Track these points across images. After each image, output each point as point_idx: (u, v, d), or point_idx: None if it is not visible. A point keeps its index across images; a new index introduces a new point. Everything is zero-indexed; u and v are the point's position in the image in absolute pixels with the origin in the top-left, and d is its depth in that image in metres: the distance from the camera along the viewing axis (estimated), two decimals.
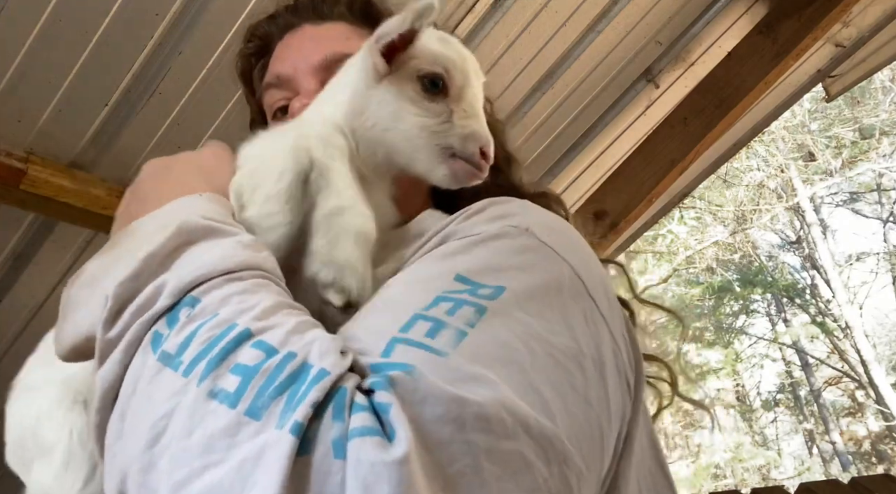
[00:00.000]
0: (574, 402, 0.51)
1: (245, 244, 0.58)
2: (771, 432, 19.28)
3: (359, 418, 0.42)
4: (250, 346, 0.47)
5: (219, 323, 0.49)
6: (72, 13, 1.67)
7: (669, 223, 15.20)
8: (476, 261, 0.59)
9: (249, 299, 0.52)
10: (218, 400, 0.44)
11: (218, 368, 0.45)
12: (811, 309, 17.39)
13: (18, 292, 2.24)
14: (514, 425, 0.45)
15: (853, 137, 15.28)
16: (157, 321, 0.51)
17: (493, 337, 0.51)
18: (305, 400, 0.42)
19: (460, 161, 0.73)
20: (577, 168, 3.15)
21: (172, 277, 0.53)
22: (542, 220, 0.67)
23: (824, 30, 2.62)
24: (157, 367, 0.48)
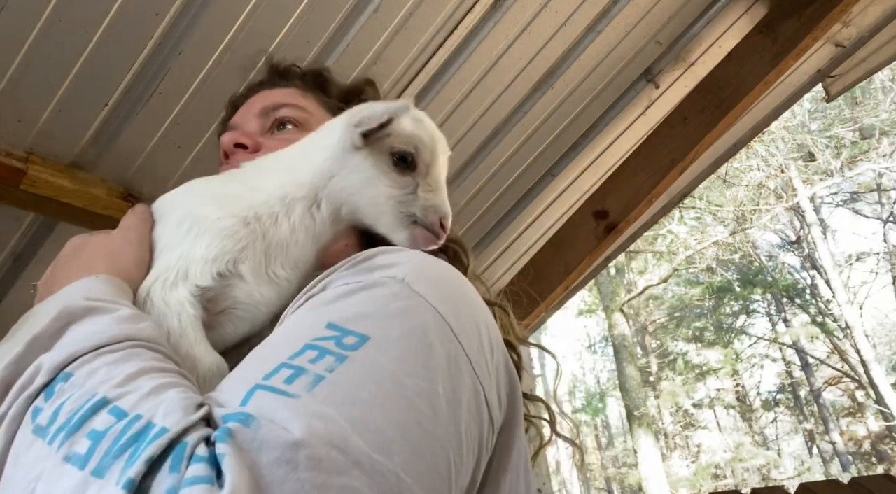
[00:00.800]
0: (418, 438, 0.55)
1: (122, 318, 0.65)
2: (771, 432, 19.29)
3: (195, 469, 0.47)
4: (106, 412, 0.52)
5: (83, 393, 0.55)
6: (72, 13, 1.67)
7: (669, 223, 15.21)
8: (348, 309, 0.64)
9: (116, 368, 0.57)
10: (71, 463, 0.49)
11: (75, 434, 0.51)
12: (811, 309, 17.39)
13: (18, 292, 2.24)
14: (346, 462, 0.49)
15: (853, 137, 15.28)
16: (36, 397, 0.57)
17: (347, 380, 0.56)
18: (141, 457, 0.47)
19: (420, 228, 0.83)
20: (577, 168, 3.15)
21: (48, 357, 0.60)
22: (421, 270, 0.72)
23: (824, 30, 2.62)
24: (31, 439, 0.54)
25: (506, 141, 2.79)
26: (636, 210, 2.92)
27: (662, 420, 18.11)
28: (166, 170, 2.13)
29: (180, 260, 0.77)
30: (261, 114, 1.08)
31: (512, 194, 3.10)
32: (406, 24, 2.14)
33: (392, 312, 0.64)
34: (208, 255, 0.77)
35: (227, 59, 1.92)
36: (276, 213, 0.83)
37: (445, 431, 0.58)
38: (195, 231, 0.79)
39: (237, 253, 0.78)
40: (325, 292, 0.70)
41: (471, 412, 0.63)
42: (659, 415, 17.74)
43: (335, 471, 0.48)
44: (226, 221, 0.80)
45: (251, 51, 1.93)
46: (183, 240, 0.79)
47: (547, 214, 3.30)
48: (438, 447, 0.57)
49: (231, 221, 0.80)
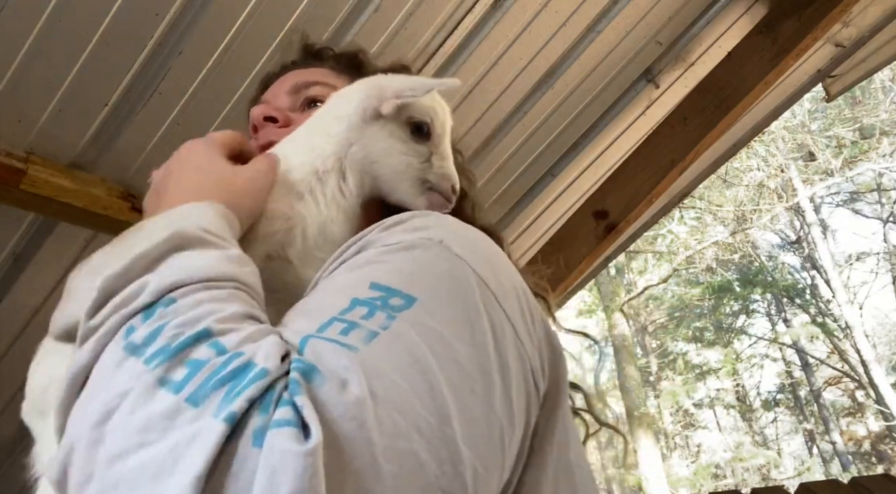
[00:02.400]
0: (473, 406, 0.55)
1: (230, 258, 0.63)
2: (771, 432, 19.29)
3: (282, 412, 0.46)
4: (207, 345, 0.51)
5: (185, 322, 0.53)
6: (72, 13, 1.67)
7: (669, 223, 15.22)
8: (390, 270, 0.63)
9: (220, 305, 0.56)
10: (165, 387, 0.48)
11: (172, 360, 0.50)
12: (811, 309, 17.39)
13: (18, 292, 2.24)
14: (406, 426, 0.49)
15: (853, 137, 15.28)
16: (134, 316, 0.55)
17: (401, 340, 0.55)
18: (243, 394, 0.46)
19: (436, 194, 0.89)
20: (577, 168, 3.15)
21: (155, 278, 0.57)
22: (457, 233, 0.71)
23: (824, 30, 2.62)
24: (122, 356, 0.52)
25: (506, 141, 2.79)
26: (636, 210, 2.92)
27: (662, 420, 18.11)
28: None
29: None
30: (292, 92, 1.07)
31: (512, 194, 3.10)
32: (406, 25, 2.14)
33: (436, 274, 0.63)
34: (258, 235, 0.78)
35: (227, 59, 1.92)
36: (314, 189, 0.84)
37: (498, 399, 0.57)
38: None
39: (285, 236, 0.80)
40: (360, 255, 0.68)
41: (518, 380, 0.61)
42: (659, 415, 17.74)
43: (397, 435, 0.48)
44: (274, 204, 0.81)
45: (251, 51, 1.93)
46: None
47: (547, 214, 3.30)
48: (492, 416, 0.56)
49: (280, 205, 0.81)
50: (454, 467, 0.50)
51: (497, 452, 0.56)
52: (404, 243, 0.66)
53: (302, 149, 0.88)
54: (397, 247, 0.66)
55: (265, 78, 1.21)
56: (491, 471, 0.55)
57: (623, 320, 15.09)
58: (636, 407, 13.61)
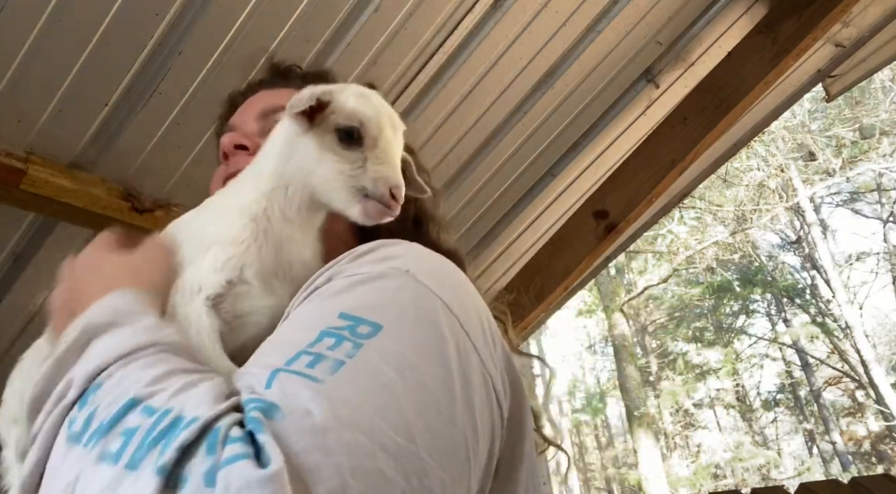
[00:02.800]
0: (438, 422, 0.58)
1: (146, 327, 0.66)
2: (771, 432, 19.29)
3: (231, 448, 0.48)
4: (137, 413, 0.54)
5: (113, 399, 0.56)
6: (72, 13, 1.67)
7: (669, 223, 15.22)
8: (358, 299, 0.66)
9: (143, 373, 0.59)
10: (105, 461, 0.51)
11: (108, 435, 0.53)
12: (811, 309, 17.39)
13: (18, 292, 2.24)
14: (372, 446, 0.51)
15: (853, 137, 15.28)
16: (70, 409, 0.59)
17: (366, 366, 0.58)
18: (171, 445, 0.48)
19: (372, 201, 0.83)
20: (577, 168, 3.15)
21: (78, 371, 0.62)
22: (423, 262, 0.75)
23: (824, 30, 2.62)
24: (67, 447, 0.56)
25: (506, 141, 2.79)
26: (636, 210, 2.92)
27: (662, 420, 18.11)
28: (166, 170, 2.13)
29: (195, 274, 0.81)
30: (261, 116, 1.08)
31: (512, 194, 3.10)
32: (406, 25, 2.14)
33: (401, 302, 0.66)
34: (216, 265, 0.80)
35: (227, 59, 1.92)
36: (265, 208, 0.86)
37: (461, 416, 0.60)
38: (204, 246, 0.83)
39: (242, 259, 0.81)
40: (330, 283, 0.71)
41: (482, 399, 0.64)
42: (659, 415, 17.74)
43: (363, 455, 0.50)
44: (229, 232, 0.83)
45: (251, 51, 1.93)
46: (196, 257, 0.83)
47: (547, 214, 3.30)
48: (456, 431, 0.59)
49: (233, 231, 0.83)
50: (420, 480, 0.53)
51: (462, 464, 0.59)
52: (372, 273, 0.70)
53: (250, 174, 0.91)
54: (365, 277, 0.69)
55: (232, 98, 1.21)
56: (457, 481, 0.58)
57: (623, 320, 15.08)
58: (636, 406, 13.61)
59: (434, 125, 2.52)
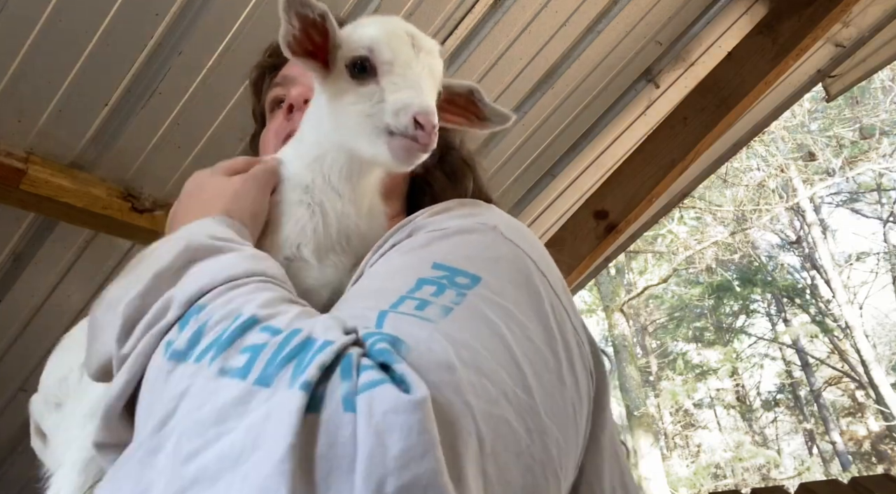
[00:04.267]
0: (549, 381, 0.55)
1: (246, 256, 0.62)
2: (771, 432, 19.28)
3: (368, 374, 0.44)
4: (258, 331, 0.50)
5: (225, 316, 0.52)
6: (72, 13, 1.67)
7: (669, 223, 15.20)
8: (451, 251, 0.63)
9: (255, 295, 0.55)
10: (229, 376, 0.46)
11: (227, 350, 0.48)
12: (811, 309, 17.38)
13: (18, 292, 2.24)
14: (496, 392, 0.49)
15: (853, 137, 15.27)
16: (168, 331, 0.54)
17: (475, 314, 0.54)
18: (313, 363, 0.45)
19: (398, 137, 0.70)
20: (577, 168, 3.15)
21: (179, 291, 0.57)
22: (506, 221, 0.72)
23: (824, 30, 2.62)
24: (169, 366, 0.51)
25: (506, 141, 2.79)
26: (636, 210, 2.92)
27: (662, 420, 18.11)
28: (166, 170, 2.13)
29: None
30: None
31: (512, 194, 3.10)
32: None
33: (495, 256, 0.63)
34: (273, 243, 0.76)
35: (227, 59, 1.92)
36: (309, 183, 0.79)
37: (568, 377, 0.58)
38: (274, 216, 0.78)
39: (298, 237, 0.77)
40: (413, 238, 0.67)
41: (579, 360, 0.62)
42: (659, 415, 17.73)
43: (490, 400, 0.48)
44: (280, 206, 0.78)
45: (251, 51, 1.93)
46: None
47: (547, 214, 3.30)
48: (566, 392, 0.57)
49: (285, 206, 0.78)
50: (541, 437, 0.51)
51: (572, 427, 0.57)
52: (459, 227, 0.66)
53: (293, 145, 0.85)
54: (452, 231, 0.66)
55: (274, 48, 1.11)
56: (569, 445, 0.56)
57: (623, 320, 15.07)
58: (636, 406, 13.60)
59: None
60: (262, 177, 0.81)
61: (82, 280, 2.31)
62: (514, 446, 0.48)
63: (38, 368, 0.89)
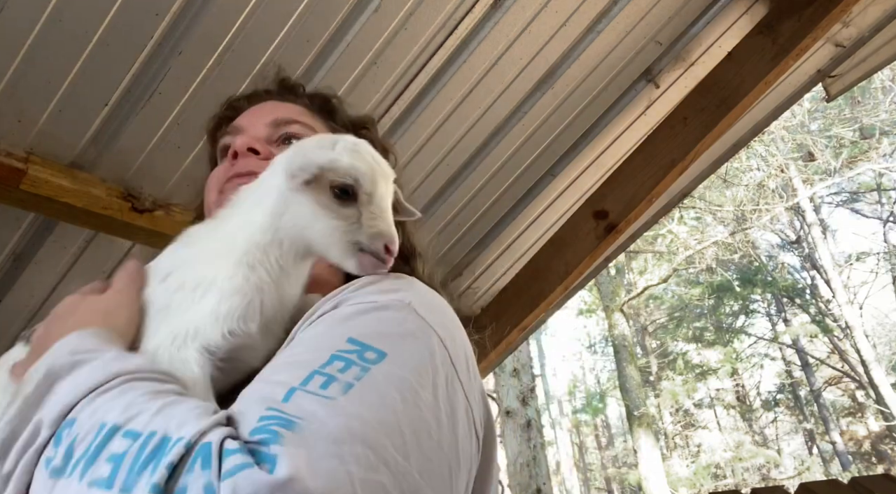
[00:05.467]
0: (429, 446, 0.63)
1: (108, 360, 0.67)
2: (771, 432, 19.28)
3: (232, 459, 0.51)
4: (120, 437, 0.55)
5: (92, 427, 0.57)
6: (72, 13, 1.67)
7: (669, 223, 15.21)
8: (365, 327, 0.72)
9: (117, 400, 0.61)
10: (97, 487, 0.52)
11: (95, 462, 0.54)
12: (811, 309, 17.38)
13: (18, 292, 2.24)
14: (376, 460, 0.56)
15: (853, 137, 15.27)
16: (45, 448, 0.60)
17: (373, 389, 0.63)
18: (161, 464, 0.50)
19: (367, 255, 0.85)
20: (577, 168, 3.15)
21: (46, 412, 0.63)
22: (422, 297, 0.81)
23: (824, 30, 2.62)
24: (50, 483, 0.56)
25: (506, 141, 2.79)
26: (636, 210, 2.92)
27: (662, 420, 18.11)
28: (166, 170, 2.13)
29: (190, 319, 0.80)
30: (272, 125, 1.09)
31: (512, 194, 3.10)
32: (406, 24, 2.14)
33: (403, 333, 0.73)
34: (218, 314, 0.80)
35: (227, 59, 1.92)
36: (261, 261, 0.86)
37: (448, 443, 0.67)
38: (200, 291, 0.82)
39: (246, 311, 0.82)
40: (338, 310, 0.76)
41: (464, 428, 0.71)
42: (659, 415, 17.74)
43: (370, 468, 0.55)
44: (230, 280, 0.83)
45: (251, 51, 1.93)
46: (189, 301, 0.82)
47: (547, 214, 3.30)
48: (443, 456, 0.65)
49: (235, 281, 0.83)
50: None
51: (447, 486, 0.65)
52: (378, 303, 0.76)
53: (242, 224, 0.90)
54: (371, 307, 0.75)
55: (232, 102, 1.22)
56: None
57: (623, 320, 15.07)
58: (636, 406, 13.60)
59: (434, 125, 2.52)
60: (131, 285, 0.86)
61: (82, 280, 2.31)
62: None
63: None
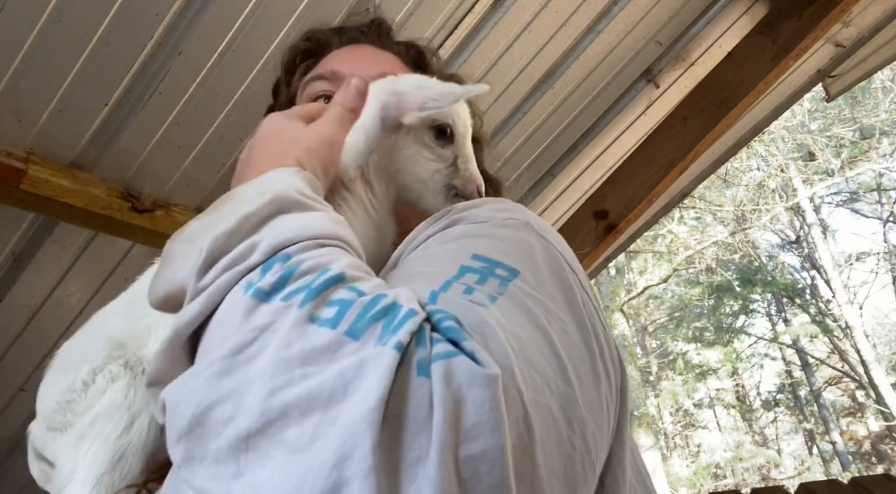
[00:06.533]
0: (585, 375, 0.57)
1: (332, 219, 0.62)
2: (771, 432, 19.28)
3: (441, 346, 0.46)
4: (345, 288, 0.51)
5: (313, 267, 0.52)
6: (72, 13, 1.67)
7: (669, 223, 15.21)
8: (488, 243, 0.64)
9: (343, 257, 0.56)
10: (317, 323, 0.47)
11: (316, 299, 0.49)
12: (811, 309, 17.38)
13: (18, 292, 2.24)
14: (541, 382, 0.50)
15: (853, 137, 15.28)
16: (249, 272, 0.54)
17: (519, 305, 0.56)
18: (404, 327, 0.46)
19: (461, 199, 0.82)
20: (577, 168, 3.15)
21: (266, 237, 0.57)
22: (535, 218, 0.74)
23: (824, 30, 2.62)
24: (251, 302, 0.51)
25: (506, 141, 2.79)
26: (636, 210, 2.92)
27: (662, 420, 18.11)
28: (166, 170, 2.13)
29: None
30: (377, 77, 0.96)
31: (512, 194, 3.09)
32: (406, 25, 2.14)
33: (531, 252, 0.65)
34: None
35: (227, 59, 1.92)
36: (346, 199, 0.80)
37: (601, 371, 0.60)
38: None
39: None
40: (451, 229, 0.69)
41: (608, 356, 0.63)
42: (659, 415, 17.74)
43: (536, 388, 0.49)
44: None
45: (251, 51, 1.93)
46: None
47: (547, 214, 3.30)
48: (600, 384, 0.59)
49: None
50: (581, 428, 0.52)
51: (605, 420, 0.58)
52: (495, 221, 0.69)
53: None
54: (489, 224, 0.68)
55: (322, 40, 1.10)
56: (602, 437, 0.57)
57: (623, 320, 15.07)
58: (636, 406, 13.61)
59: None
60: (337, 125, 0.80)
61: (82, 280, 2.31)
62: (556, 435, 0.49)
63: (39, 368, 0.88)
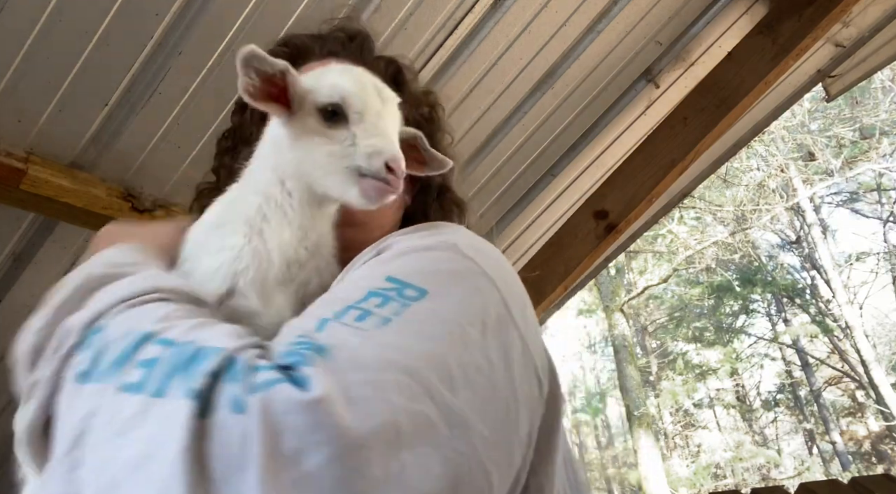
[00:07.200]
0: (479, 383, 0.58)
1: (146, 276, 0.66)
2: (771, 432, 19.27)
3: (263, 375, 0.48)
4: (153, 344, 0.54)
5: (122, 334, 0.56)
6: (72, 13, 1.67)
7: (669, 223, 15.21)
8: (406, 266, 0.68)
9: (152, 312, 0.59)
10: (128, 391, 0.50)
11: (124, 367, 0.52)
12: (811, 309, 17.38)
13: (18, 292, 2.24)
14: (420, 391, 0.52)
15: (853, 137, 15.27)
16: (71, 354, 0.58)
17: (412, 324, 0.59)
18: (199, 371, 0.49)
19: (369, 179, 0.74)
20: (577, 168, 3.15)
21: (77, 317, 0.61)
22: (469, 239, 0.76)
23: (824, 30, 2.62)
24: (76, 388, 0.55)
25: (506, 141, 2.79)
26: (636, 210, 2.92)
27: (662, 420, 18.11)
28: (166, 170, 2.13)
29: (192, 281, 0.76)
30: None
31: (512, 194, 3.10)
32: (406, 24, 2.14)
33: (447, 271, 0.68)
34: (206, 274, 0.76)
35: (227, 59, 1.92)
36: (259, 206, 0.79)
37: (502, 381, 0.61)
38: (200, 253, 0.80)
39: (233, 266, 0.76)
40: (379, 256, 0.72)
41: (521, 370, 0.65)
42: (659, 415, 17.74)
43: (412, 397, 0.52)
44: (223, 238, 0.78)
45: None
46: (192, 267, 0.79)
47: (547, 214, 3.30)
48: (497, 394, 0.60)
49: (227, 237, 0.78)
50: (462, 432, 0.54)
51: (502, 426, 0.60)
52: (421, 245, 0.72)
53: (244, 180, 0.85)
54: (414, 248, 0.71)
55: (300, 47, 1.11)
56: (498, 443, 0.58)
57: (623, 320, 15.08)
58: (636, 406, 13.61)
59: None
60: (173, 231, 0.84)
61: None
62: (434, 438, 0.51)
63: None
